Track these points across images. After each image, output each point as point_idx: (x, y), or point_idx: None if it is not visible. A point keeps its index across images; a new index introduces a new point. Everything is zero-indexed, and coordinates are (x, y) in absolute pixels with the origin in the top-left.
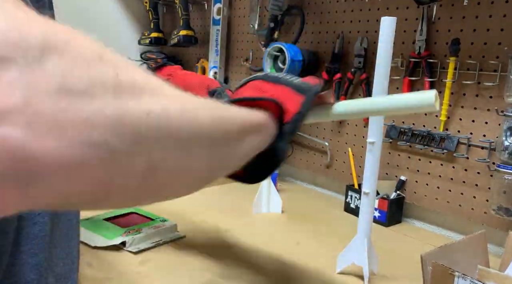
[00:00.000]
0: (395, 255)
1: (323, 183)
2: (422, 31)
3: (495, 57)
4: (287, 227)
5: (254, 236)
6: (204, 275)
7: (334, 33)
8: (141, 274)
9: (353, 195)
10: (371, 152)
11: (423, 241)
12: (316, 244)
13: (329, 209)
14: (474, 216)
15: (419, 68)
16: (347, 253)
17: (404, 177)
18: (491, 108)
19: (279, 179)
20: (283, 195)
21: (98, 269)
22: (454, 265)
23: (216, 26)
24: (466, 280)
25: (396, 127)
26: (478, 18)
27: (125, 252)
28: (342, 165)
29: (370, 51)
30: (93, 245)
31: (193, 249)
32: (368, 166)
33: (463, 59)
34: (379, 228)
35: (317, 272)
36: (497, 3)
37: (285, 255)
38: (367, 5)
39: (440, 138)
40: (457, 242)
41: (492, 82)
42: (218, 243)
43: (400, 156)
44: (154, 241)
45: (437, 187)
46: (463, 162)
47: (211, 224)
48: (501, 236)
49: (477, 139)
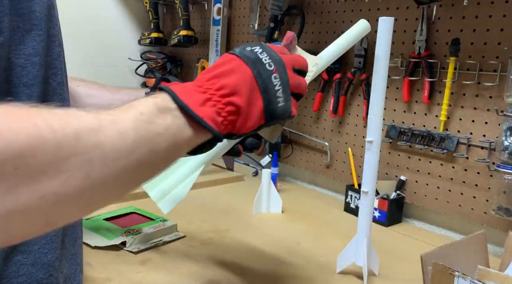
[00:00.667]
0: (395, 255)
1: (323, 183)
2: (422, 31)
3: (495, 57)
4: (287, 227)
5: (254, 236)
6: (204, 275)
7: (334, 33)
8: (141, 274)
9: (353, 195)
10: (370, 151)
11: (423, 241)
12: (316, 244)
13: (329, 209)
14: (474, 216)
15: (419, 68)
16: (347, 253)
17: (404, 177)
18: (491, 108)
19: (279, 179)
20: (283, 195)
21: (98, 269)
22: (454, 265)
23: (216, 26)
24: (466, 280)
25: (396, 127)
26: (478, 18)
27: (125, 252)
28: (342, 165)
29: (370, 51)
30: (94, 245)
31: (193, 249)
32: (367, 165)
33: (463, 59)
34: (379, 228)
35: (317, 272)
36: (497, 3)
37: (285, 255)
38: (367, 5)
39: (440, 138)
40: (457, 242)
41: (492, 82)
42: (218, 243)
43: (400, 156)
44: (154, 241)
45: (437, 187)
46: (463, 162)
47: (211, 224)
48: (501, 236)
49: (477, 139)
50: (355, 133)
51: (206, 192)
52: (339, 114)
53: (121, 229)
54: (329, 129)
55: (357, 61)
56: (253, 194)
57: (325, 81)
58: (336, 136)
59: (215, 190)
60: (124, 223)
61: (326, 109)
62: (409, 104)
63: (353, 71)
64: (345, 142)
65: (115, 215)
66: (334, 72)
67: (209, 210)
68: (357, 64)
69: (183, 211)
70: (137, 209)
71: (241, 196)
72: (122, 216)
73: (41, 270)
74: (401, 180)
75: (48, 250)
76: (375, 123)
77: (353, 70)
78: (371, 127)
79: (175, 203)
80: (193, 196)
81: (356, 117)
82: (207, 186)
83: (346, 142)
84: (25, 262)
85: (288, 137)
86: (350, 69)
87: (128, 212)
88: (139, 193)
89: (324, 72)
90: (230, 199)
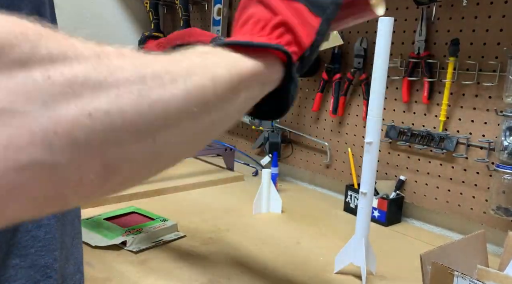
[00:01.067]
0: (394, 255)
1: (323, 183)
2: (421, 32)
3: (494, 57)
4: (287, 227)
5: (254, 236)
6: (204, 275)
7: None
8: (142, 274)
9: (353, 195)
10: (369, 152)
11: (423, 240)
12: (316, 244)
13: (329, 209)
14: (473, 216)
15: (418, 69)
16: (345, 253)
17: (404, 177)
18: (490, 108)
19: (279, 179)
20: (283, 195)
21: (98, 268)
22: (453, 264)
23: (216, 27)
24: (465, 280)
25: (396, 127)
26: (477, 19)
27: (125, 252)
28: (342, 165)
29: (369, 51)
30: (94, 244)
31: (193, 249)
32: (366, 166)
33: (462, 59)
34: (378, 228)
35: (317, 272)
36: (496, 3)
37: (285, 255)
38: None
39: (440, 138)
40: (457, 242)
41: (491, 82)
42: (218, 243)
43: (400, 156)
44: (155, 241)
45: (437, 187)
46: (462, 162)
47: (211, 224)
48: (500, 236)
49: (476, 139)
50: (355, 133)
51: (206, 192)
52: (339, 114)
53: (121, 228)
54: (329, 129)
55: (357, 62)
56: (253, 194)
57: (325, 81)
58: (335, 136)
59: (215, 190)
60: (125, 223)
61: (326, 109)
62: (408, 104)
63: (352, 71)
64: (344, 142)
65: (115, 215)
66: (334, 72)
67: (209, 210)
68: (357, 64)
69: (183, 211)
70: (137, 209)
71: (241, 196)
72: (123, 215)
73: (39, 272)
74: (401, 180)
75: (45, 252)
76: (374, 124)
77: (353, 70)
78: (370, 128)
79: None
80: (193, 196)
81: (355, 117)
82: (207, 186)
83: (346, 142)
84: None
85: (288, 137)
86: (349, 69)
87: (129, 211)
88: (139, 193)
89: (324, 72)
90: (230, 199)
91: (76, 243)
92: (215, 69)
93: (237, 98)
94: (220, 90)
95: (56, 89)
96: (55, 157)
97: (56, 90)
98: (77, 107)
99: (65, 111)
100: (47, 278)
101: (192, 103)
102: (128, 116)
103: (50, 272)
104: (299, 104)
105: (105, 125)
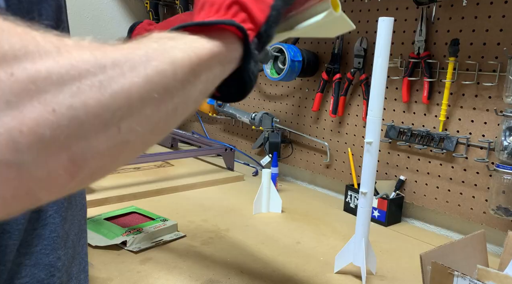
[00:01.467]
0: (394, 255)
1: (323, 183)
2: (421, 32)
3: (494, 58)
4: (287, 227)
5: (254, 236)
6: (204, 275)
7: None
8: (142, 274)
9: (353, 194)
10: (369, 152)
11: (422, 240)
12: (316, 244)
13: (328, 209)
14: (473, 216)
15: (418, 69)
16: (345, 253)
17: (404, 177)
18: (490, 108)
19: (279, 179)
20: (283, 195)
21: (99, 268)
22: (453, 264)
23: None
24: (465, 280)
25: (396, 127)
26: (477, 19)
27: (125, 252)
28: (341, 165)
29: (369, 51)
30: (94, 244)
31: (193, 248)
32: (366, 166)
33: (462, 59)
34: (378, 227)
35: (316, 272)
36: (496, 3)
37: (285, 255)
38: (367, 5)
39: (439, 138)
40: (456, 242)
41: (491, 83)
42: (218, 243)
43: (400, 156)
44: (155, 241)
45: (436, 187)
46: (462, 162)
47: (211, 224)
48: (500, 236)
49: (476, 139)
50: (355, 133)
51: (206, 192)
52: (339, 114)
53: (121, 228)
54: (329, 129)
55: (357, 62)
56: (253, 194)
57: (325, 81)
58: (335, 136)
59: (215, 190)
60: (125, 223)
61: (325, 109)
62: (408, 104)
63: (352, 71)
64: (344, 142)
65: (115, 215)
66: (334, 72)
67: (209, 210)
68: (357, 64)
69: (183, 211)
70: (137, 209)
71: (241, 196)
72: (123, 215)
73: (43, 270)
74: (401, 180)
75: (50, 251)
76: (374, 124)
77: (353, 71)
78: (370, 128)
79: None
80: (193, 196)
81: (355, 117)
82: (207, 186)
83: (346, 142)
84: (26, 263)
85: (288, 137)
86: (349, 69)
87: (129, 211)
88: (139, 193)
89: (324, 72)
90: (230, 199)
91: (83, 243)
92: (173, 52)
93: (198, 80)
94: (180, 73)
95: (19, 86)
96: (21, 156)
97: (19, 87)
98: (41, 104)
99: (29, 109)
100: (51, 276)
101: (153, 89)
102: (91, 108)
103: (54, 270)
104: (299, 104)
105: (69, 120)
